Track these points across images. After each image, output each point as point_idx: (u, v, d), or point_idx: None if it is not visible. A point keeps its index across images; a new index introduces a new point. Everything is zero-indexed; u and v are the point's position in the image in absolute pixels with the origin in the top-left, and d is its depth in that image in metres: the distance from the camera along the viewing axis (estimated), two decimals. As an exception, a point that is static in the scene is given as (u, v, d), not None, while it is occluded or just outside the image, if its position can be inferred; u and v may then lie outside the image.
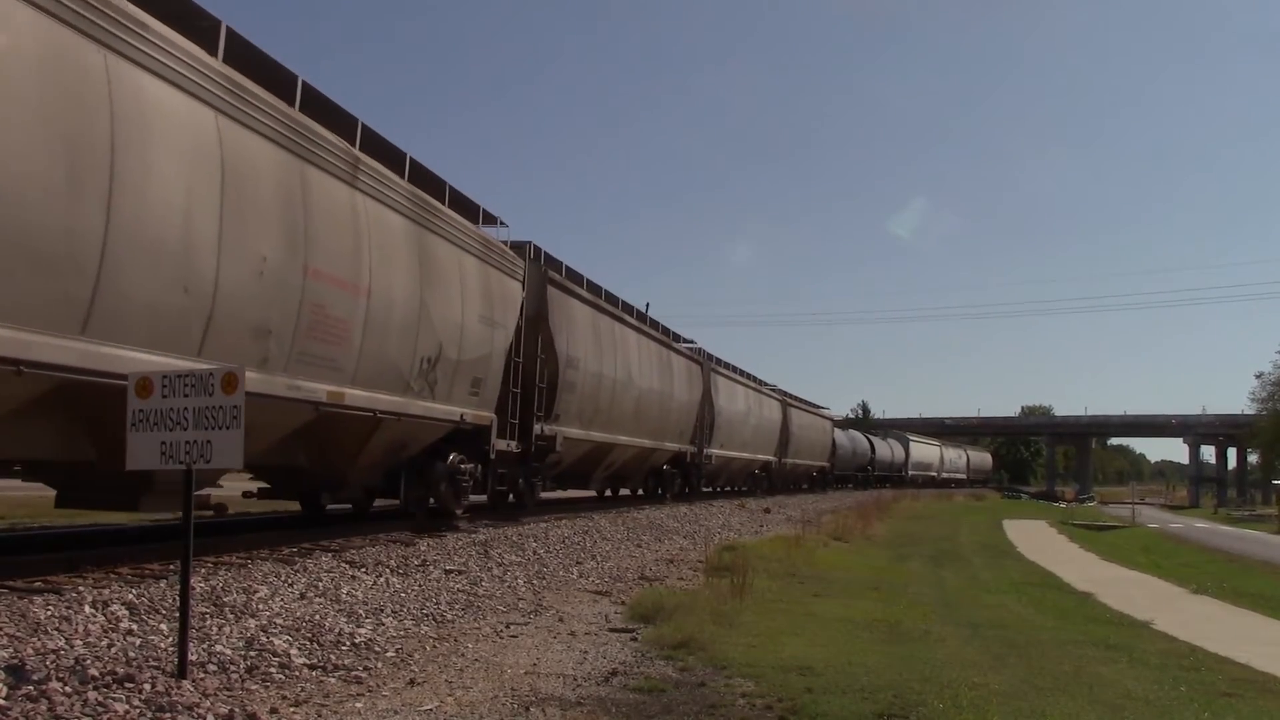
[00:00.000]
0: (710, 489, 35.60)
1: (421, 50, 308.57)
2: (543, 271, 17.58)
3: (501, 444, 15.33)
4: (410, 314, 11.81)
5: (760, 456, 38.55)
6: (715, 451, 31.38)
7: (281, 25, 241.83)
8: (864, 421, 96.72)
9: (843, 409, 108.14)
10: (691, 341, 30.44)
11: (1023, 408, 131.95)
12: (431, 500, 13.96)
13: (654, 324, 25.77)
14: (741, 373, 36.80)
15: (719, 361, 33.46)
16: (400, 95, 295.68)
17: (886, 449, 68.65)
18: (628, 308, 23.31)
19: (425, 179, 13.04)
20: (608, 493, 26.83)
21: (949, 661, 7.75)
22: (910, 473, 73.04)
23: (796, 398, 47.11)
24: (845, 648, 7.99)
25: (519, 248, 16.65)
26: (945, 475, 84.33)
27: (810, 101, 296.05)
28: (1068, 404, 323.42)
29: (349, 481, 12.53)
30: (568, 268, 19.39)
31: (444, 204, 13.27)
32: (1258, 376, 74.56)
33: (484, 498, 16.26)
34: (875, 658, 7.61)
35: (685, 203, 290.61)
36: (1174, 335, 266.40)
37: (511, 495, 17.69)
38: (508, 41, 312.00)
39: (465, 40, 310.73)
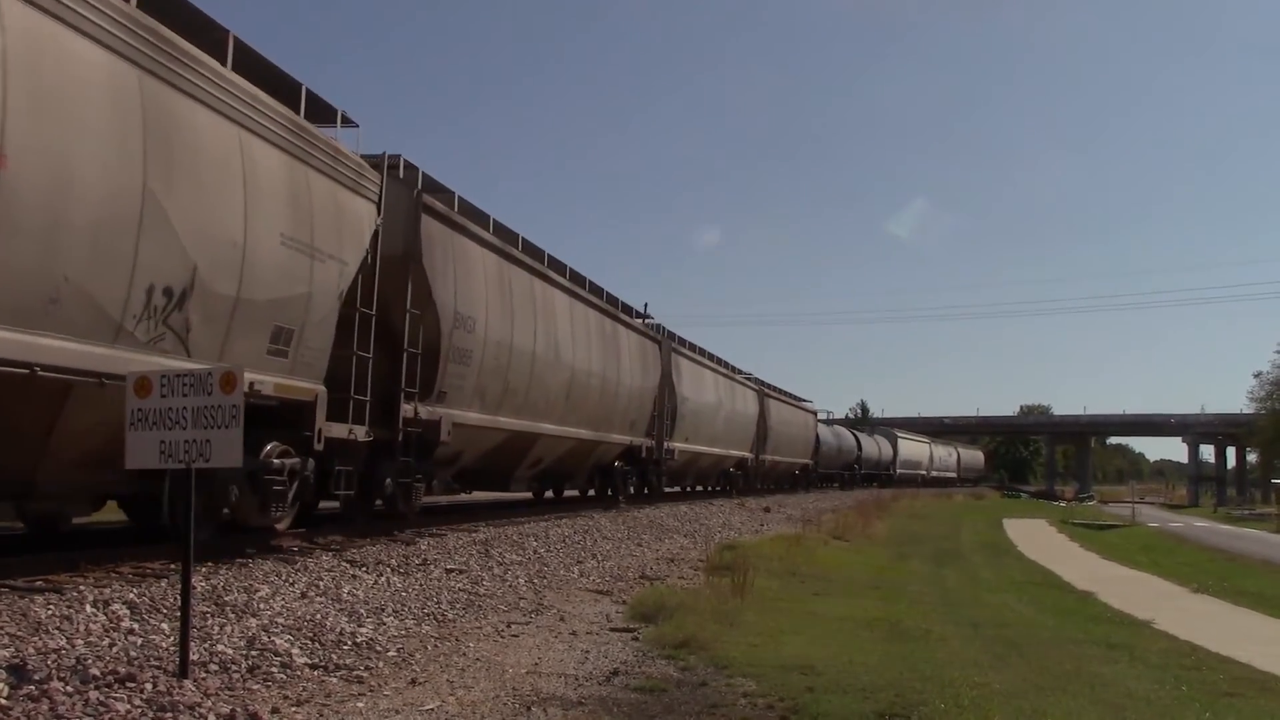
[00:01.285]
0: (677, 489, 32.61)
1: (421, 50, 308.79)
2: (415, 195, 12.67)
3: (339, 429, 11.05)
4: (121, 212, 7.64)
5: (733, 453, 34.40)
6: (679, 446, 27.07)
7: (283, 24, 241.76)
8: (863, 420, 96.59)
9: (842, 409, 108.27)
10: (648, 316, 25.77)
11: (1022, 407, 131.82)
12: (225, 510, 9.85)
13: (596, 290, 21.04)
14: (711, 357, 32.39)
15: (682, 341, 28.93)
16: (401, 95, 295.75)
17: (874, 446, 65.61)
18: (558, 265, 18.66)
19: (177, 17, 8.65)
20: (550, 494, 22.88)
21: (950, 661, 7.75)
22: (899, 471, 69.86)
23: (775, 388, 43.31)
24: (846, 647, 7.99)
25: (378, 161, 12.29)
26: (935, 474, 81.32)
27: (810, 101, 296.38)
28: (1067, 403, 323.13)
29: (40, 483, 8.20)
30: (462, 199, 14.80)
31: (223, 64, 9.05)
32: (1256, 376, 74.75)
33: (334, 505, 12.95)
34: (876, 657, 7.61)
35: (685, 202, 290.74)
36: (1174, 335, 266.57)
37: (379, 501, 12.95)
38: (507, 40, 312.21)
39: (465, 40, 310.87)
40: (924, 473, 77.54)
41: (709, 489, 35.88)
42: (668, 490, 29.77)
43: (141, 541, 9.86)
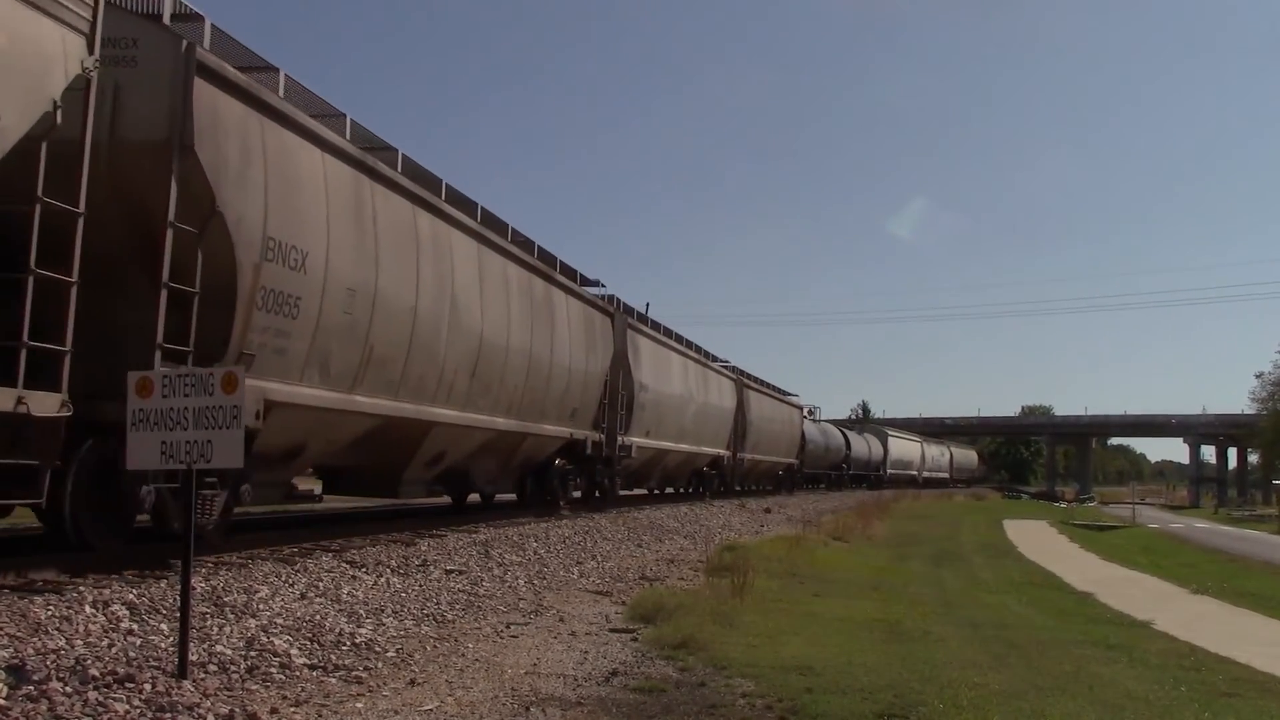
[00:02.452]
0: (644, 490, 28.99)
1: (422, 49, 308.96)
2: (184, 49, 8.54)
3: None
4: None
5: (706, 450, 30.19)
6: (638, 441, 22.78)
7: (282, 24, 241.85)
8: (865, 421, 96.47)
9: (843, 409, 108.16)
10: (598, 284, 21.05)
11: (1023, 407, 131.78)
12: None
13: (525, 243, 16.76)
14: (680, 340, 28.27)
15: (643, 318, 24.64)
16: (401, 94, 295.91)
17: (863, 445, 62.03)
18: (463, 202, 14.23)
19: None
20: (479, 499, 18.76)
21: (949, 661, 7.76)
22: (889, 471, 66.59)
23: (757, 379, 39.44)
24: (845, 647, 8.00)
25: None
26: (927, 474, 78.24)
27: (810, 101, 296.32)
28: (1068, 404, 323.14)
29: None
30: (295, 82, 10.77)
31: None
32: (1258, 376, 74.53)
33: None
34: (875, 657, 7.62)
35: (684, 202, 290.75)
36: (1174, 335, 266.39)
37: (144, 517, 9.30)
38: (507, 39, 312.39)
39: (465, 39, 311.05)
40: (915, 473, 74.83)
41: (682, 491, 31.88)
42: (630, 493, 26.69)
43: (141, 541, 9.86)
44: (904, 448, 72.75)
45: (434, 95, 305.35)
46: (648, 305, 27.35)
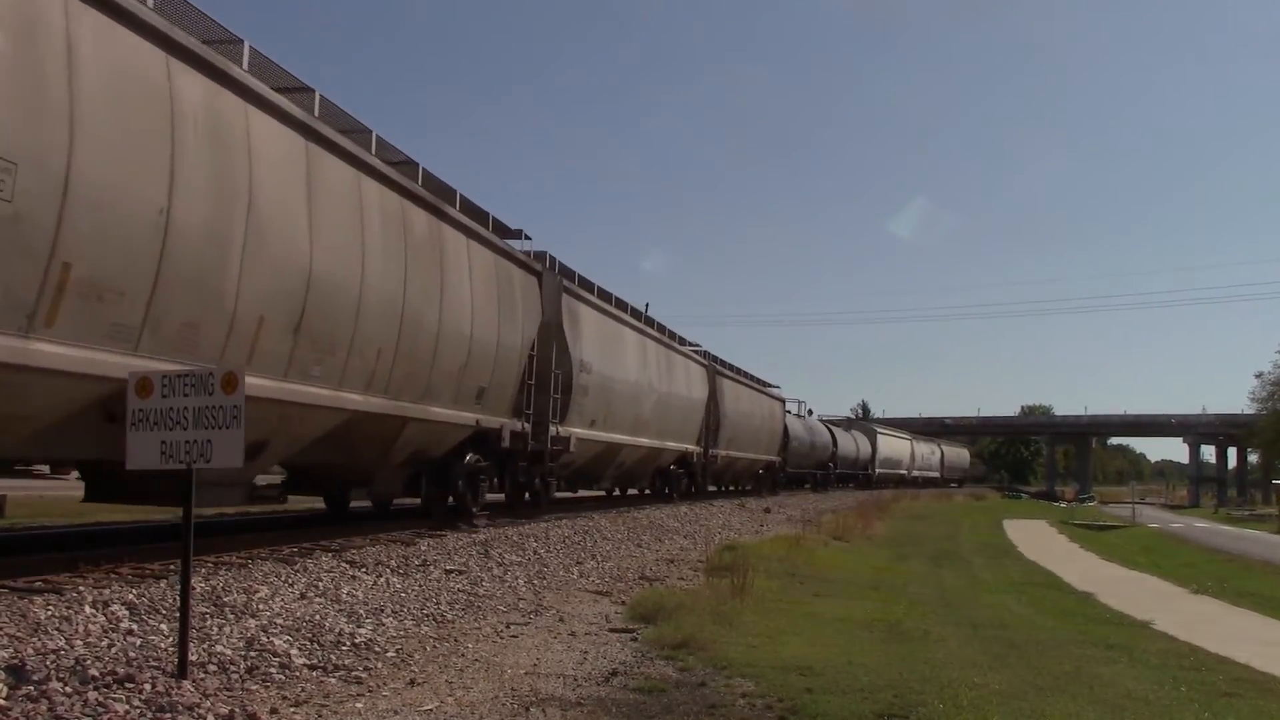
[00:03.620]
0: (601, 491, 25.30)
1: (423, 49, 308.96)
2: None
3: None
4: None
5: (671, 445, 26.09)
6: (579, 433, 18.70)
7: (283, 23, 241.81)
8: (865, 421, 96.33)
9: (843, 409, 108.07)
10: (520, 235, 16.72)
11: (1023, 407, 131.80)
12: None
13: (400, 160, 12.76)
14: (638, 314, 23.99)
15: (586, 284, 20.17)
16: (401, 94, 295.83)
17: (850, 443, 58.27)
18: (266, 68, 10.02)
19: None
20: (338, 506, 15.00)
21: (949, 661, 7.76)
22: (878, 470, 63.30)
23: (733, 367, 34.75)
24: (845, 648, 8.00)
25: None
26: (917, 473, 75.07)
27: (810, 101, 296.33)
28: (1068, 404, 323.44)
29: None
30: None
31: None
32: (1258, 376, 74.45)
33: None
34: (875, 658, 7.62)
35: (684, 202, 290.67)
36: (1174, 335, 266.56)
37: None
38: (507, 41, 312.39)
39: (465, 39, 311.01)
40: (905, 472, 71.72)
41: (645, 492, 27.81)
42: (576, 496, 23.36)
43: (139, 542, 9.87)
44: (893, 446, 69.55)
45: (434, 96, 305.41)
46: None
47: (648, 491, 27.69)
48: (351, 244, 10.88)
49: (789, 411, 45.83)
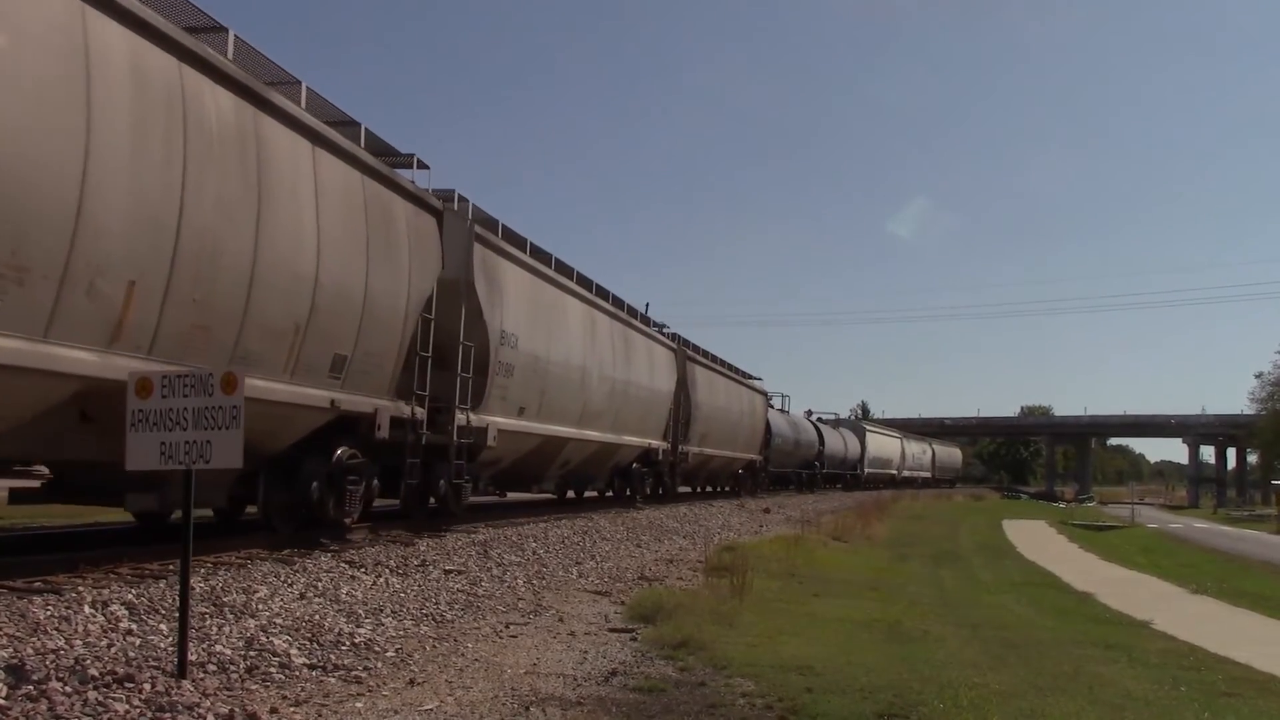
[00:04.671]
0: (550, 495, 21.69)
1: (422, 50, 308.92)
2: None
3: None
4: None
5: (630, 440, 22.06)
6: (501, 423, 14.88)
7: (281, 23, 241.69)
8: (865, 422, 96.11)
9: (843, 409, 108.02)
10: (413, 164, 12.82)
11: (1022, 408, 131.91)
12: None
13: (224, 45, 9.23)
14: (585, 281, 19.46)
15: (512, 236, 15.95)
16: (402, 95, 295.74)
17: (838, 441, 55.42)
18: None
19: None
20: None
21: (949, 661, 7.76)
22: (867, 470, 60.78)
23: (708, 353, 30.92)
24: (845, 647, 8.00)
25: None
26: (907, 473, 72.62)
27: (810, 101, 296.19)
28: (1067, 404, 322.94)
29: None
30: None
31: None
32: (1257, 376, 74.67)
33: None
34: (875, 657, 7.62)
35: (684, 202, 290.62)
36: (1174, 335, 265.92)
37: None
38: (507, 41, 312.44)
39: (464, 40, 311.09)
40: (895, 472, 69.35)
41: (609, 493, 23.99)
42: (499, 499, 19.13)
43: (139, 543, 9.88)
44: (883, 444, 67.21)
45: (433, 97, 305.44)
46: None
47: (609, 494, 23.96)
48: (64, 113, 7.20)
49: (772, 406, 42.66)
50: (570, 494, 23.37)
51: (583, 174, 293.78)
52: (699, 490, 34.12)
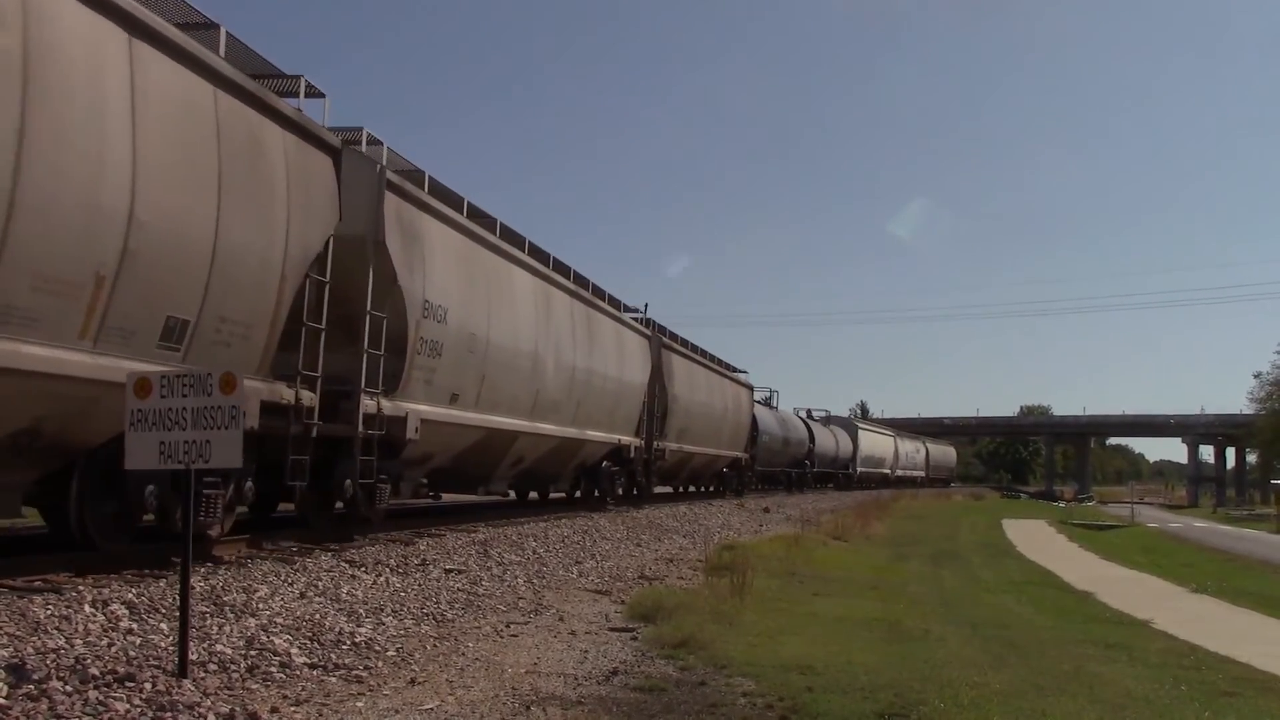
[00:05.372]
0: (501, 496, 18.53)
1: (421, 50, 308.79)
2: None
3: None
4: None
5: (596, 436, 19.80)
6: (426, 411, 12.64)
7: (280, 23, 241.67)
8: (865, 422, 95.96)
9: (842, 409, 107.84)
10: (298, 92, 10.71)
11: (1022, 407, 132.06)
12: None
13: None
14: (542, 255, 17.35)
15: (438, 190, 13.58)
16: (402, 95, 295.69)
17: (830, 439, 53.04)
18: None
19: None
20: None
21: (949, 660, 7.76)
22: (859, 469, 58.74)
23: (687, 342, 28.79)
24: (845, 647, 8.00)
25: None
26: (900, 473, 71.06)
27: (810, 101, 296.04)
28: (1067, 404, 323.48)
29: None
30: None
31: None
32: (1256, 376, 74.66)
33: None
34: (875, 657, 7.62)
35: (684, 203, 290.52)
36: (1173, 335, 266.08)
37: None
38: (506, 40, 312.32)
39: (464, 40, 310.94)
40: (889, 471, 67.62)
41: (578, 494, 21.50)
42: (432, 502, 16.87)
43: (140, 542, 9.86)
44: (876, 443, 65.26)
45: (434, 97, 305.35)
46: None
47: (578, 495, 21.53)
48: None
49: (759, 401, 40.39)
50: (534, 495, 21.57)
51: (582, 172, 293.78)
52: (680, 491, 32.37)
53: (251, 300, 9.31)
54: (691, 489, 33.49)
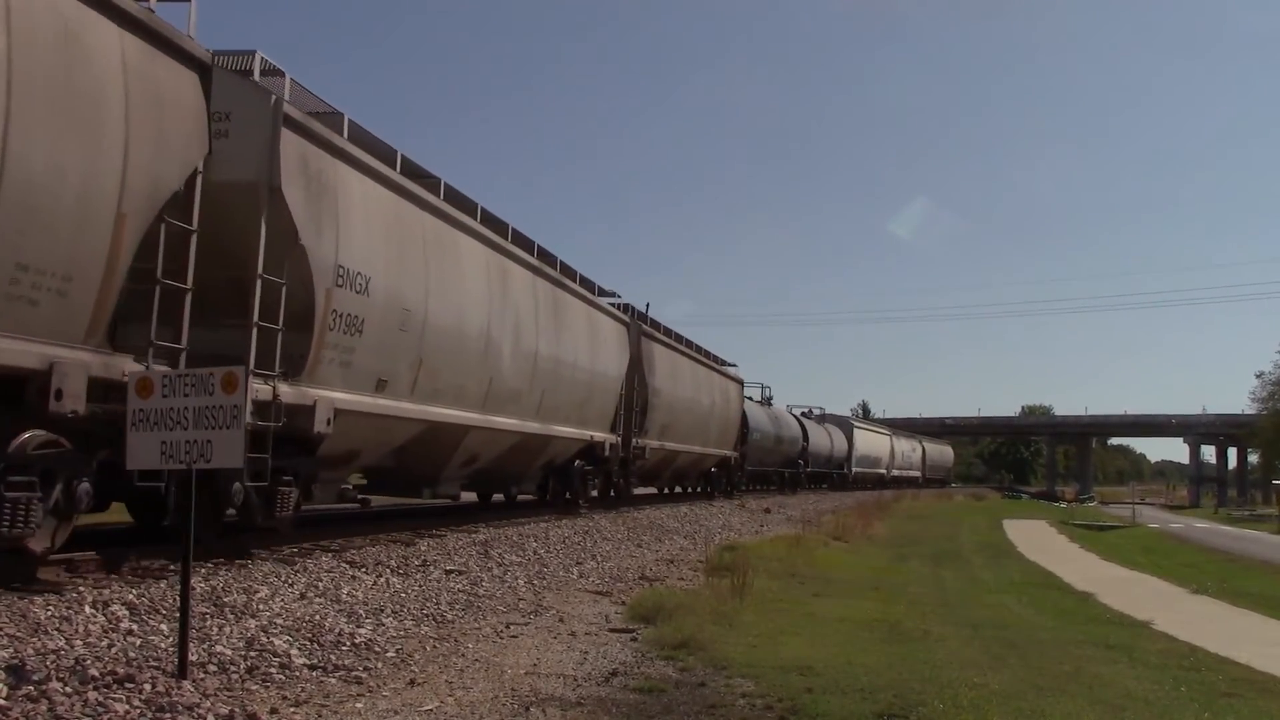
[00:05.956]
0: (449, 499, 15.99)
1: (422, 51, 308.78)
2: None
3: None
4: None
5: (567, 431, 17.88)
6: (343, 400, 10.46)
7: (282, 21, 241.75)
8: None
9: (843, 409, 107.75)
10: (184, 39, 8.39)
11: (1023, 407, 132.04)
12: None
13: None
14: (498, 224, 14.98)
15: (359, 137, 11.20)
16: (401, 96, 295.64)
17: (824, 437, 50.85)
18: None
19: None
20: None
21: (949, 661, 7.76)
22: (854, 469, 56.75)
23: (669, 331, 26.31)
24: (845, 648, 8.00)
25: None
26: (896, 472, 69.11)
27: (810, 101, 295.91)
28: (1068, 404, 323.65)
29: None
30: None
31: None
32: (1258, 376, 74.69)
33: None
34: (875, 658, 7.62)
35: (684, 203, 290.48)
36: (1174, 335, 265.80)
37: None
38: (507, 41, 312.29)
39: (465, 40, 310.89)
40: (884, 471, 65.61)
41: (548, 497, 19.41)
42: (359, 508, 13.74)
43: (140, 543, 9.87)
44: (872, 442, 63.11)
45: (434, 97, 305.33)
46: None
47: (549, 497, 19.52)
48: None
49: (750, 397, 38.23)
50: (499, 497, 19.77)
51: (582, 172, 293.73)
52: (665, 492, 30.63)
53: (69, 244, 7.13)
54: (677, 490, 31.78)
